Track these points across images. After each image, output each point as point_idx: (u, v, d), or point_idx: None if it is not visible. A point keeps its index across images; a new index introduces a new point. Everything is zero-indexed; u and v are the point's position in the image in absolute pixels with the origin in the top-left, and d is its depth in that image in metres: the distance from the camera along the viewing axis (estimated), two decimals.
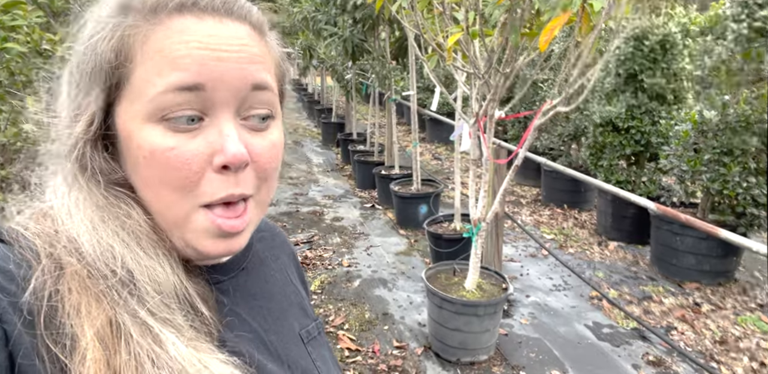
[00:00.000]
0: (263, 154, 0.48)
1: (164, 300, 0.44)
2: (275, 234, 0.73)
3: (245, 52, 0.46)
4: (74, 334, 0.39)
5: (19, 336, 0.38)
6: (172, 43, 0.44)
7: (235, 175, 0.46)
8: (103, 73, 0.45)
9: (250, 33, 0.48)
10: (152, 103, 0.43)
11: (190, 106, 0.44)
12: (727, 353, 2.79)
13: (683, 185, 3.68)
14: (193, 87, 0.43)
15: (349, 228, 4.80)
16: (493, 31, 2.54)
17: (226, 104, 0.45)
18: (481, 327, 2.69)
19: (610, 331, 3.03)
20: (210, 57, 0.44)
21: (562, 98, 2.43)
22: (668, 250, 3.66)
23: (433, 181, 5.03)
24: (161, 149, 0.44)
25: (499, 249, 3.45)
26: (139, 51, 0.44)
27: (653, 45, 4.19)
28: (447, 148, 8.56)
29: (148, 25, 0.44)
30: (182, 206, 0.46)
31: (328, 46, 5.84)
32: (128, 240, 0.44)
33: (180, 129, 0.44)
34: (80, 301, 0.41)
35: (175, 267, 0.46)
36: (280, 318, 0.62)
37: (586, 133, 4.86)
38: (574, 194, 5.21)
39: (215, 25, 0.45)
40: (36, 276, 0.41)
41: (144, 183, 0.46)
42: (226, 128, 0.45)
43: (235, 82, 0.45)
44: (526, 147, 2.63)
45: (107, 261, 0.43)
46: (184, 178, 0.44)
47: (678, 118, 4.06)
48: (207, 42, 0.44)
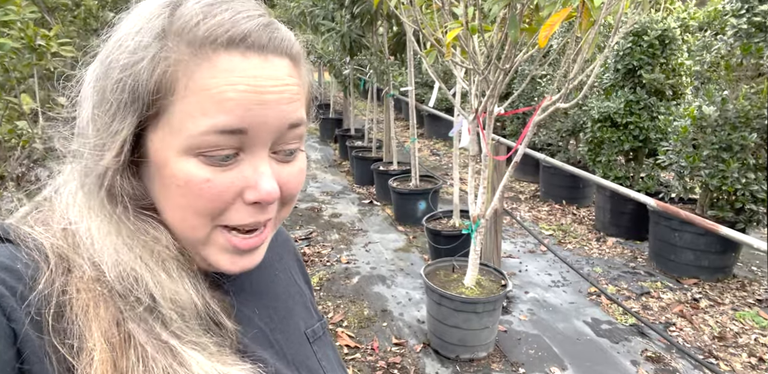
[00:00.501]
0: (290, 181, 0.50)
1: (187, 322, 0.45)
2: (278, 234, 0.72)
3: (287, 92, 0.46)
4: (82, 335, 0.40)
5: (27, 335, 0.38)
6: (218, 84, 0.43)
7: (264, 207, 0.48)
8: (142, 103, 0.44)
9: (289, 67, 0.47)
10: (192, 139, 0.43)
11: (230, 145, 0.44)
12: (725, 349, 2.79)
13: (682, 181, 3.68)
14: (237, 131, 0.44)
15: (347, 225, 4.79)
16: (492, 27, 2.52)
17: (263, 143, 0.46)
18: (480, 324, 2.69)
19: (608, 327, 3.03)
20: (255, 101, 0.44)
21: (562, 94, 2.42)
22: (667, 246, 3.66)
23: (431, 177, 5.01)
24: (197, 181, 0.44)
25: (498, 245, 3.44)
26: (181, 86, 0.43)
27: (652, 40, 4.18)
28: (445, 143, 8.54)
29: (194, 59, 0.43)
30: (206, 228, 0.47)
31: (325, 41, 5.81)
32: (153, 264, 0.45)
33: (215, 163, 0.45)
34: (88, 303, 0.42)
35: (200, 287, 0.48)
36: (285, 318, 0.62)
37: (585, 128, 4.85)
38: (573, 190, 5.21)
39: (260, 64, 0.45)
40: (45, 277, 0.41)
41: (172, 207, 0.47)
42: (262, 166, 0.46)
43: (275, 124, 0.46)
44: (525, 143, 2.61)
45: (131, 286, 0.43)
46: (214, 207, 0.46)
47: (677, 113, 4.06)
48: (253, 85, 0.44)
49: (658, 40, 4.20)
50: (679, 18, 5.12)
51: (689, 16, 5.40)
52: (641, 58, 4.22)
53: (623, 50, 4.32)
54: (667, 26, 4.21)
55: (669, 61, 4.26)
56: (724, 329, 2.97)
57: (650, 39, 4.17)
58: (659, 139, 4.16)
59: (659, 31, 4.19)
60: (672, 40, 4.23)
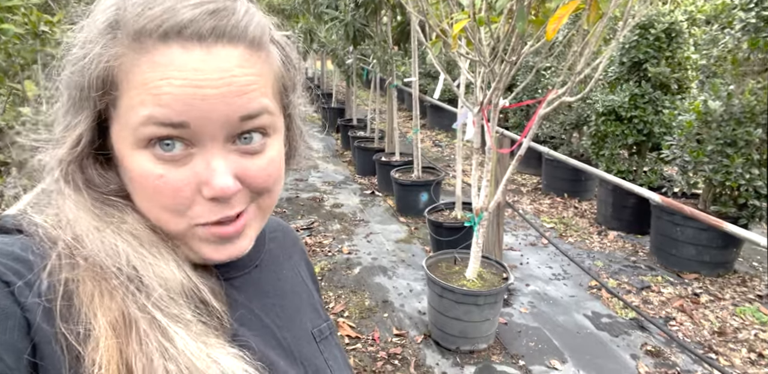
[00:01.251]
0: (258, 175, 0.48)
1: (171, 295, 0.44)
2: (287, 233, 0.73)
3: (234, 84, 0.44)
4: (88, 322, 0.40)
5: (39, 325, 0.39)
6: (154, 78, 0.42)
7: (227, 201, 0.46)
8: (91, 99, 0.44)
9: (243, 55, 0.45)
10: (136, 131, 0.43)
11: (176, 136, 0.43)
12: (725, 344, 2.80)
13: (685, 176, 3.67)
14: (177, 124, 0.43)
15: (349, 215, 4.79)
16: (499, 18, 2.49)
17: (212, 137, 0.44)
18: (481, 316, 2.70)
19: (609, 321, 3.04)
20: (195, 95, 0.42)
21: (568, 87, 2.40)
22: (668, 240, 3.66)
23: (433, 169, 5.00)
24: (150, 176, 0.44)
25: (500, 238, 3.44)
26: (124, 80, 0.43)
27: (659, 33, 4.14)
28: (447, 134, 8.52)
29: (133, 53, 0.42)
30: (178, 223, 0.47)
31: (329, 30, 5.77)
32: (131, 239, 0.45)
33: (166, 157, 0.44)
34: (93, 291, 0.42)
35: (180, 263, 0.47)
36: (292, 316, 0.62)
37: (588, 121, 4.83)
38: (575, 183, 5.20)
39: (203, 56, 0.42)
40: (52, 266, 0.42)
41: (139, 199, 0.47)
42: (214, 161, 0.45)
43: (220, 118, 0.44)
44: (530, 137, 2.60)
45: (112, 258, 0.44)
46: (176, 203, 0.45)
47: (681, 108, 4.03)
48: (192, 79, 0.42)
49: (664, 33, 4.16)
50: (687, 11, 5.08)
51: (696, 9, 5.36)
52: (647, 51, 4.19)
53: (629, 43, 4.29)
54: (674, 19, 4.17)
55: (675, 54, 4.23)
56: (724, 324, 2.98)
57: (657, 32, 4.14)
58: (663, 133, 4.14)
59: (666, 24, 4.15)
60: (678, 34, 4.19)
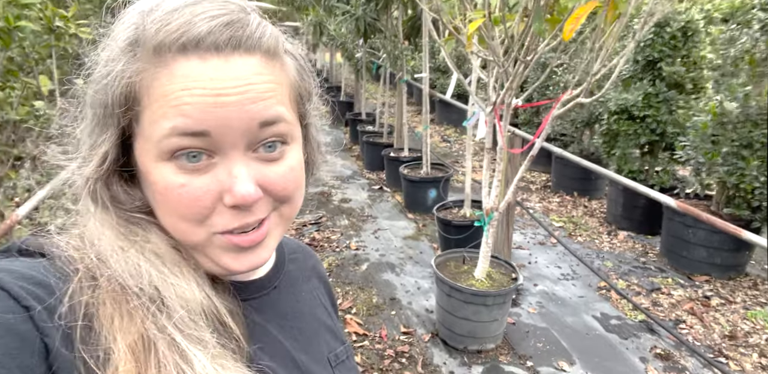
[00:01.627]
0: (278, 182, 0.48)
1: (191, 316, 0.45)
2: (308, 256, 0.73)
3: (251, 91, 0.45)
4: (107, 346, 0.40)
5: (58, 350, 0.39)
6: (174, 89, 0.43)
7: (248, 209, 0.47)
8: (115, 116, 0.45)
9: (259, 64, 0.46)
10: (160, 144, 0.44)
11: (198, 147, 0.44)
12: (735, 348, 2.78)
13: (699, 177, 3.63)
14: (198, 133, 0.43)
15: (357, 211, 4.78)
16: (513, 17, 2.46)
17: (233, 145, 0.45)
18: (489, 316, 2.69)
19: (618, 323, 3.03)
20: (212, 104, 0.43)
21: (583, 88, 2.37)
22: (679, 242, 3.63)
23: (442, 165, 4.98)
24: (172, 186, 0.45)
25: (509, 237, 3.43)
26: (145, 94, 0.44)
27: (674, 32, 4.09)
28: (456, 130, 8.48)
29: (153, 68, 0.44)
30: (198, 234, 0.47)
31: (339, 23, 5.72)
32: (154, 259, 0.46)
33: (188, 167, 0.45)
34: (113, 314, 0.42)
35: (201, 283, 0.48)
36: (310, 339, 0.62)
37: (600, 120, 4.79)
38: (585, 182, 5.17)
39: (220, 65, 0.44)
40: (72, 290, 0.42)
41: (163, 214, 0.48)
42: (236, 169, 0.45)
43: (240, 125, 0.45)
44: (542, 137, 2.57)
45: (135, 278, 0.44)
46: (197, 213, 0.45)
47: (696, 108, 3.98)
48: (210, 87, 0.43)
49: (680, 31, 4.10)
50: (704, 9, 5.00)
51: (714, 7, 5.28)
52: (662, 49, 4.13)
53: (644, 41, 4.23)
54: (691, 18, 4.11)
55: (690, 53, 4.17)
56: (735, 328, 2.96)
57: (672, 30, 4.08)
58: (677, 133, 4.09)
59: (682, 22, 4.09)
60: (695, 32, 4.13)
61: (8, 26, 1.58)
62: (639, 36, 2.26)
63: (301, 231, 4.27)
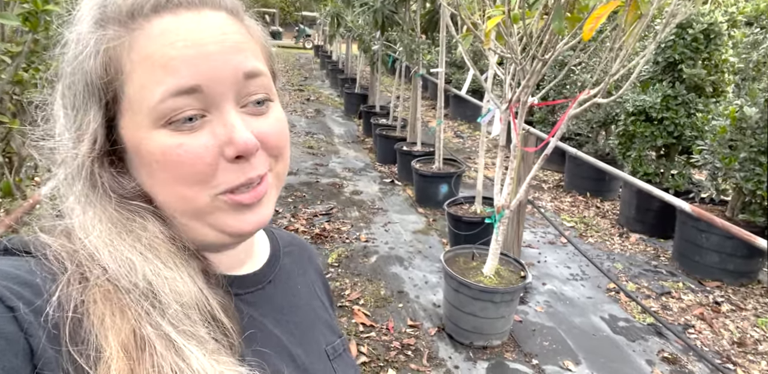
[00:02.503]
0: (271, 133, 0.49)
1: (186, 311, 0.44)
2: (303, 249, 0.73)
3: (229, 41, 0.46)
4: (99, 345, 0.40)
5: (44, 350, 0.38)
6: (156, 48, 0.43)
7: (248, 161, 0.47)
8: (97, 90, 0.45)
9: (228, 19, 0.47)
10: (155, 110, 0.44)
11: (192, 106, 0.44)
12: (744, 355, 2.76)
13: (715, 182, 3.59)
14: (190, 90, 0.44)
15: (367, 203, 4.79)
16: (533, 14, 2.43)
17: (224, 98, 0.46)
18: (496, 313, 2.69)
19: (625, 325, 3.02)
20: (197, 54, 0.44)
21: (601, 88, 2.35)
22: (692, 247, 3.60)
23: (455, 161, 4.97)
24: (171, 148, 0.44)
25: (519, 235, 3.42)
26: (127, 61, 0.44)
27: (696, 34, 4.03)
28: (469, 126, 8.44)
29: (129, 32, 0.44)
30: (203, 198, 0.46)
31: (357, 15, 5.71)
32: (146, 252, 0.45)
33: (185, 128, 0.45)
34: (105, 312, 0.41)
35: (195, 276, 0.47)
36: (306, 332, 0.62)
37: (617, 120, 4.74)
38: (598, 182, 5.13)
39: (194, 17, 0.45)
40: (61, 288, 0.41)
41: (161, 186, 0.47)
42: (231, 119, 0.46)
43: (228, 76, 0.45)
44: (557, 137, 2.56)
45: (128, 274, 0.43)
46: (200, 172, 0.45)
47: (715, 112, 3.93)
48: (191, 38, 0.44)
49: (702, 33, 4.04)
50: (727, 12, 4.92)
51: (738, 10, 5.19)
52: (683, 51, 4.08)
53: (665, 43, 4.17)
54: (714, 20, 4.05)
55: (712, 56, 4.11)
56: (744, 335, 2.94)
57: (695, 32, 4.02)
58: (694, 137, 4.05)
59: (705, 24, 4.03)
60: (718, 35, 4.07)
61: (36, 9, 1.59)
62: (660, 37, 2.24)
63: (312, 221, 4.29)
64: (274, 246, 0.66)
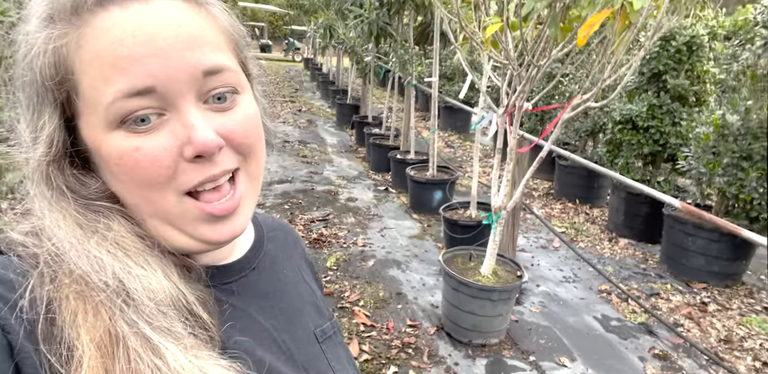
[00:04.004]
0: (236, 129, 0.46)
1: (160, 308, 0.43)
2: (287, 233, 0.72)
3: (183, 34, 0.43)
4: (71, 343, 0.39)
5: (23, 347, 0.38)
6: (105, 45, 0.41)
7: (210, 160, 0.45)
8: (49, 91, 0.43)
9: (185, 8, 0.44)
10: (107, 111, 0.41)
11: (146, 106, 0.42)
12: (731, 351, 2.87)
13: (699, 187, 3.74)
14: (144, 91, 0.41)
15: (363, 209, 4.87)
16: (528, 23, 2.56)
17: (182, 96, 0.43)
18: (494, 311, 2.77)
19: (618, 324, 3.11)
20: (146, 52, 0.41)
21: (594, 93, 2.48)
22: (679, 250, 3.72)
23: (448, 168, 5.08)
24: (127, 152, 0.42)
25: (514, 238, 3.52)
26: (76, 60, 0.42)
27: (680, 46, 4.21)
28: (460, 136, 8.59)
29: (75, 29, 0.41)
30: (167, 199, 0.45)
31: (350, 27, 5.84)
32: (114, 251, 0.44)
33: (140, 129, 0.42)
34: (76, 309, 0.40)
35: (169, 272, 0.45)
36: (293, 317, 0.61)
37: (605, 129, 4.90)
38: (587, 189, 5.27)
39: (143, 9, 0.42)
40: (33, 285, 0.41)
41: (124, 188, 0.45)
42: (190, 118, 0.43)
43: (184, 75, 0.42)
44: (552, 139, 2.67)
45: (97, 272, 0.42)
46: (158, 175, 0.43)
47: (699, 120, 4.10)
48: (139, 34, 0.41)
49: (685, 45, 4.23)
50: (708, 25, 5.14)
51: (718, 24, 5.42)
52: (667, 62, 4.25)
53: (650, 54, 4.35)
54: (696, 33, 4.24)
55: (694, 67, 4.29)
56: (730, 333, 3.05)
57: (678, 44, 4.21)
58: (679, 144, 4.20)
59: (687, 37, 4.22)
60: (699, 47, 4.26)
61: None
62: (647, 45, 2.37)
63: (309, 227, 4.35)
64: (258, 232, 0.65)
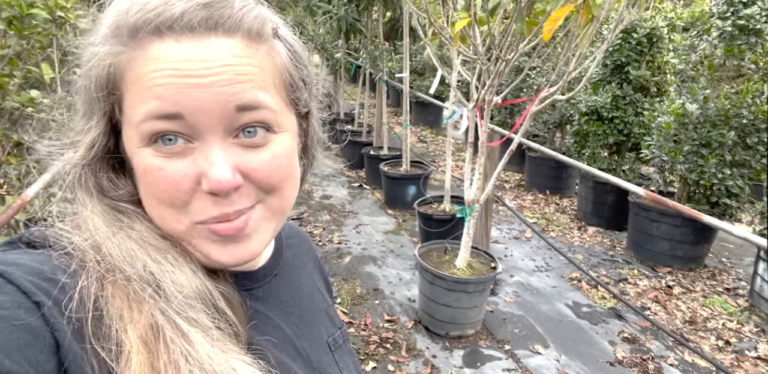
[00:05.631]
0: (260, 169, 0.46)
1: (188, 301, 0.44)
2: (302, 241, 0.73)
3: (226, 73, 0.43)
4: (119, 339, 0.40)
5: (70, 345, 0.39)
6: (147, 72, 0.43)
7: (226, 197, 0.45)
8: (98, 101, 0.46)
9: (238, 46, 0.45)
10: (138, 129, 0.44)
11: (174, 130, 0.44)
12: (696, 332, 2.99)
13: (662, 175, 3.86)
14: (171, 116, 0.43)
15: (337, 207, 4.88)
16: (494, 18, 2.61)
17: (210, 129, 0.44)
18: (470, 303, 2.83)
19: (588, 310, 3.21)
20: (183, 84, 0.42)
21: (560, 86, 2.54)
22: (644, 236, 3.85)
23: (421, 163, 5.12)
24: (151, 169, 0.44)
25: (487, 230, 3.58)
26: (124, 78, 0.44)
27: (640, 38, 4.33)
28: (432, 130, 8.65)
29: (130, 51, 0.44)
30: (182, 221, 0.46)
31: (319, 23, 5.82)
32: (145, 245, 0.46)
33: (165, 151, 0.44)
34: (122, 306, 0.42)
35: (195, 269, 0.47)
36: (310, 326, 0.63)
37: (572, 121, 5.01)
38: (557, 180, 5.39)
39: (194, 47, 0.43)
40: (81, 284, 0.42)
41: (146, 200, 0.47)
42: (213, 154, 0.44)
43: (215, 108, 0.43)
44: (521, 132, 2.73)
45: (131, 263, 0.44)
46: (175, 197, 0.45)
47: (660, 109, 4.23)
48: (181, 69, 0.42)
49: (646, 38, 4.35)
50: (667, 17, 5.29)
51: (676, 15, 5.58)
52: (629, 54, 4.37)
53: (612, 47, 4.46)
54: (656, 25, 4.36)
55: (655, 58, 4.42)
56: (695, 314, 3.18)
57: (639, 37, 4.32)
58: (642, 133, 4.33)
59: (648, 29, 4.34)
60: (659, 39, 4.38)
61: (21, 14, 1.64)
62: (610, 38, 2.44)
63: None
64: (278, 239, 0.66)
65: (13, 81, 2.11)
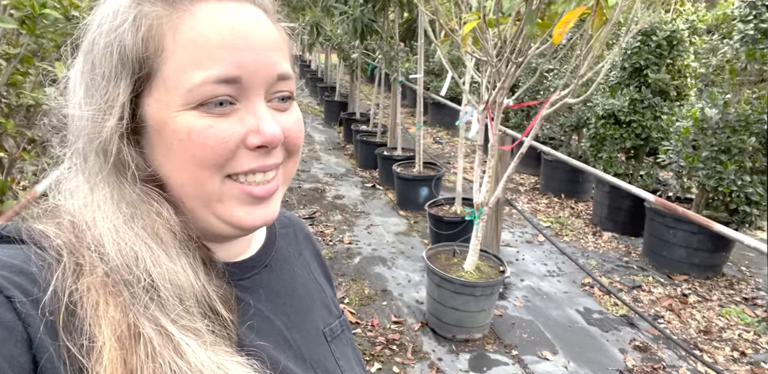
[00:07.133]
0: (292, 129, 0.50)
1: (185, 305, 0.44)
2: (298, 229, 0.73)
3: (269, 38, 0.47)
4: (92, 334, 0.39)
5: (42, 340, 0.38)
6: (203, 32, 0.44)
7: (269, 152, 0.48)
8: (132, 65, 0.44)
9: (265, 16, 0.48)
10: (191, 93, 0.44)
11: (228, 93, 0.45)
12: (710, 342, 2.92)
13: (680, 180, 3.78)
14: (231, 80, 0.44)
15: (350, 207, 4.88)
16: (506, 20, 2.58)
17: (257, 91, 0.47)
18: (477, 306, 2.80)
19: (599, 317, 3.16)
20: (242, 45, 0.45)
21: (571, 89, 2.50)
22: (660, 242, 3.78)
23: (434, 165, 5.10)
24: (199, 129, 0.44)
25: (498, 233, 3.55)
26: (170, 41, 0.44)
27: (660, 40, 4.25)
28: (448, 132, 8.61)
29: (175, 12, 0.44)
30: (213, 181, 0.46)
31: (336, 24, 5.84)
32: (151, 242, 0.45)
33: (215, 112, 0.45)
34: (98, 300, 0.41)
35: (198, 269, 0.47)
36: (303, 316, 0.62)
37: (588, 124, 4.94)
38: (572, 184, 5.32)
39: (238, 8, 0.46)
40: (56, 277, 0.41)
41: (178, 167, 0.46)
42: (261, 110, 0.47)
43: (265, 74, 0.47)
44: (532, 135, 2.70)
45: (130, 265, 0.43)
46: (220, 156, 0.45)
47: (679, 114, 4.14)
48: (237, 29, 0.45)
49: (666, 40, 4.26)
50: (688, 20, 5.19)
51: (698, 18, 5.47)
52: (648, 57, 4.29)
53: (631, 49, 4.39)
54: (676, 27, 4.28)
55: (675, 62, 4.33)
56: (710, 323, 3.11)
57: (658, 39, 4.24)
58: (660, 138, 4.25)
59: (668, 31, 4.26)
60: (680, 42, 4.30)
61: (34, 14, 1.67)
62: (624, 41, 2.40)
63: None
64: (270, 229, 0.66)
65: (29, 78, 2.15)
